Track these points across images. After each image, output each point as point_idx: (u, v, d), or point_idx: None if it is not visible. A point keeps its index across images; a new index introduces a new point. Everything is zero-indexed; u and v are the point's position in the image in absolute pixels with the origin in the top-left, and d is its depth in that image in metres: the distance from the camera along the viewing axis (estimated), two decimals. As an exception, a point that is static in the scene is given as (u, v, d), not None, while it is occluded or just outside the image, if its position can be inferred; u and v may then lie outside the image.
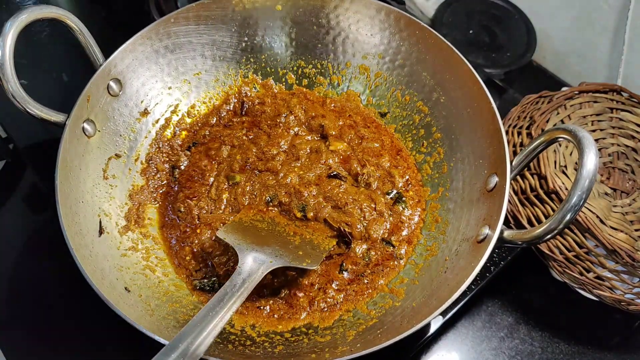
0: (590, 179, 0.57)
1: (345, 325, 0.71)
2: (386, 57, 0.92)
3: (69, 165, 0.73)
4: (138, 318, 0.61)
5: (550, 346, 0.81)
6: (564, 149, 0.84)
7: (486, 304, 0.85)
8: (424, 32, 0.87)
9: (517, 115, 0.90)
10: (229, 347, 0.66)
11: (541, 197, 0.80)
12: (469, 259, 0.68)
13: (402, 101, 0.92)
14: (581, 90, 0.91)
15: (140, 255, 0.77)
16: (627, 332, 0.84)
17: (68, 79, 1.06)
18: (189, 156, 0.89)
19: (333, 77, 0.96)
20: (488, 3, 1.18)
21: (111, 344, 0.77)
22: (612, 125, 0.90)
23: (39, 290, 0.82)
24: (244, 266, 0.67)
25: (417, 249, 0.80)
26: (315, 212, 0.81)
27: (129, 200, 0.82)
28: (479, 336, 0.82)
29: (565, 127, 0.62)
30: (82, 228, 0.71)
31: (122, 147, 0.84)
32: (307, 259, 0.71)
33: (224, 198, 0.83)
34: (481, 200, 0.74)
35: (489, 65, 1.09)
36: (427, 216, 0.84)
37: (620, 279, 0.76)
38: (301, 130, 0.91)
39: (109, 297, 0.62)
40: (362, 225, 0.80)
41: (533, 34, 1.14)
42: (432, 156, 0.87)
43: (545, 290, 0.86)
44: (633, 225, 0.79)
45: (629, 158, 0.88)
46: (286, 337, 0.71)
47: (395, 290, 0.75)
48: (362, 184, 0.85)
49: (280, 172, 0.85)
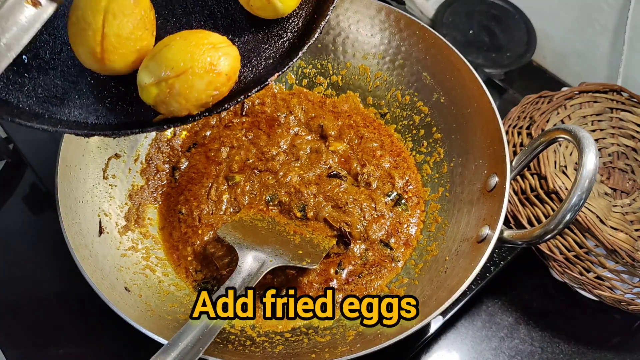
0: (590, 179, 0.57)
1: (345, 325, 0.71)
2: (386, 57, 0.92)
3: (69, 165, 0.73)
4: (138, 318, 0.62)
5: (550, 346, 0.81)
6: (564, 149, 0.84)
7: (486, 304, 0.85)
8: (424, 32, 0.87)
9: (517, 115, 0.90)
10: (228, 347, 0.66)
11: (541, 197, 0.80)
12: (469, 259, 0.68)
13: (402, 101, 0.92)
14: (581, 90, 0.91)
15: (140, 255, 0.77)
16: (627, 332, 0.84)
17: (68, 79, 1.06)
18: (189, 157, 0.89)
19: (333, 77, 0.96)
20: (488, 3, 1.18)
21: (111, 344, 0.77)
22: (612, 125, 0.90)
23: (38, 290, 0.82)
24: (243, 265, 0.67)
25: (417, 249, 0.81)
26: (316, 211, 0.81)
27: (128, 200, 0.82)
28: (479, 336, 0.82)
29: (565, 127, 0.62)
30: (82, 228, 0.71)
31: (122, 147, 0.84)
32: (306, 258, 0.71)
33: (225, 199, 0.83)
34: (481, 200, 0.74)
35: (489, 65, 1.09)
36: (427, 217, 0.84)
37: (620, 279, 0.76)
38: (301, 131, 0.91)
39: (109, 297, 0.62)
40: (362, 225, 0.80)
41: (533, 34, 1.14)
42: (432, 156, 0.87)
43: (545, 290, 0.86)
44: (633, 225, 0.79)
45: (629, 158, 0.88)
46: (286, 337, 0.71)
47: (395, 291, 0.75)
48: (362, 183, 0.85)
49: (280, 171, 0.85)
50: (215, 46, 0.50)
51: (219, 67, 0.49)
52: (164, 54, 0.49)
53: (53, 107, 0.53)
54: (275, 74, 0.53)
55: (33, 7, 0.44)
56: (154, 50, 0.51)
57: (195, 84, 0.49)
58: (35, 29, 0.45)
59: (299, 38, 0.56)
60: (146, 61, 0.51)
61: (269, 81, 0.52)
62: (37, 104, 0.52)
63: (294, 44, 0.56)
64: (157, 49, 0.51)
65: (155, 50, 0.51)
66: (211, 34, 0.52)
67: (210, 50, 0.49)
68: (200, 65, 0.49)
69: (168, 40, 0.51)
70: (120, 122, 0.53)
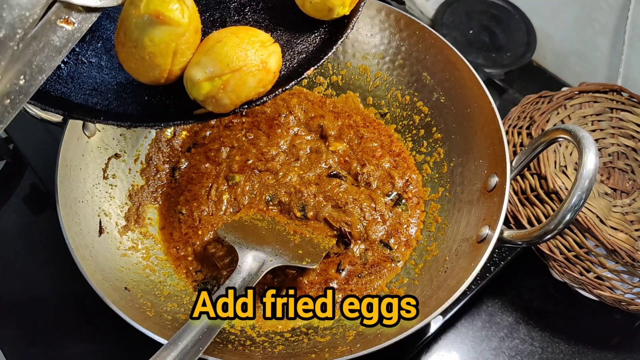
0: (590, 179, 0.57)
1: (345, 325, 0.71)
2: (386, 57, 0.92)
3: (69, 165, 0.73)
4: (138, 318, 0.61)
5: (550, 346, 0.81)
6: (564, 149, 0.84)
7: (486, 304, 0.85)
8: (424, 32, 0.87)
9: (517, 115, 0.90)
10: (228, 347, 0.66)
11: (541, 197, 0.80)
12: (469, 259, 0.68)
13: (402, 101, 0.92)
14: (581, 90, 0.91)
15: (140, 255, 0.77)
16: (627, 332, 0.84)
17: (68, 79, 1.06)
18: (189, 157, 0.89)
19: (333, 77, 0.96)
20: (488, 3, 1.18)
21: (111, 344, 0.77)
22: (612, 125, 0.90)
23: (38, 290, 0.82)
24: (243, 265, 0.67)
25: (417, 249, 0.81)
26: (315, 211, 0.81)
27: (129, 200, 0.82)
28: (479, 336, 0.82)
29: (565, 127, 0.62)
30: (82, 228, 0.71)
31: (122, 147, 0.84)
32: (306, 257, 0.71)
33: (225, 199, 0.83)
34: (481, 200, 0.74)
35: (489, 65, 1.09)
36: (427, 217, 0.84)
37: (620, 279, 0.76)
38: (301, 131, 0.91)
39: (109, 297, 0.62)
40: (362, 225, 0.80)
41: (533, 34, 1.14)
42: (432, 156, 0.87)
43: (545, 290, 0.86)
44: (633, 225, 0.79)
45: (629, 158, 0.88)
46: (286, 337, 0.71)
47: (395, 291, 0.75)
48: (362, 183, 0.85)
49: (280, 172, 0.85)
50: (264, 44, 0.50)
51: (268, 64, 0.50)
52: (217, 50, 0.49)
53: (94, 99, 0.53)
54: (311, 68, 0.54)
55: (66, 25, 0.42)
56: (205, 45, 0.50)
57: (248, 81, 0.49)
58: (67, 49, 0.43)
59: (330, 33, 0.57)
60: (198, 57, 0.50)
61: (305, 75, 0.53)
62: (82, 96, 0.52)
63: (325, 40, 0.57)
64: (208, 45, 0.50)
65: (207, 46, 0.50)
66: (258, 31, 0.52)
67: (261, 49, 0.50)
68: (254, 63, 0.49)
69: (219, 36, 0.50)
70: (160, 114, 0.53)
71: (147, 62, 0.48)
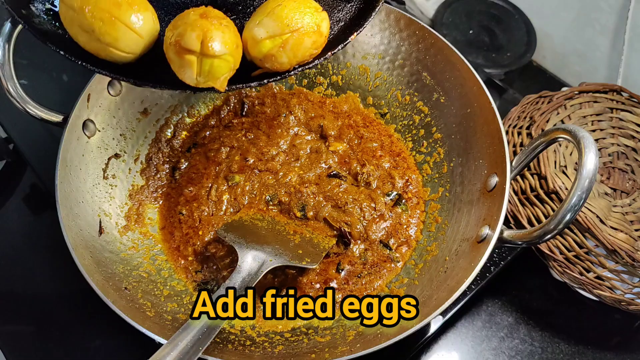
0: (590, 179, 0.57)
1: (345, 325, 0.71)
2: (386, 57, 0.92)
3: (69, 165, 0.73)
4: (138, 318, 0.61)
5: (550, 346, 0.81)
6: (564, 149, 0.84)
7: (486, 304, 0.85)
8: (424, 32, 0.87)
9: (517, 115, 0.90)
10: (228, 347, 0.66)
11: (541, 197, 0.80)
12: (469, 259, 0.68)
13: (402, 101, 0.92)
14: (581, 90, 0.91)
15: (141, 255, 0.77)
16: (627, 332, 0.84)
17: (68, 79, 1.06)
18: (189, 157, 0.89)
19: (333, 77, 0.96)
20: (488, 3, 1.18)
21: (111, 343, 0.77)
22: (612, 125, 0.90)
23: (38, 290, 0.82)
24: (243, 265, 0.67)
25: (417, 249, 0.81)
26: (315, 211, 0.81)
27: (129, 200, 0.82)
28: (479, 336, 0.82)
29: (565, 127, 0.62)
30: (82, 228, 0.71)
31: (122, 147, 0.84)
32: (306, 257, 0.71)
33: (225, 199, 0.83)
34: (481, 200, 0.74)
35: (489, 65, 1.09)
36: (427, 217, 0.84)
37: (620, 279, 0.76)
38: (301, 131, 0.91)
39: (109, 297, 0.62)
40: (362, 225, 0.80)
41: (533, 34, 1.14)
42: (432, 156, 0.87)
43: (545, 290, 0.86)
44: (633, 225, 0.79)
45: (629, 158, 0.88)
46: (286, 337, 0.71)
47: (394, 291, 0.75)
48: (362, 183, 0.85)
49: (280, 171, 0.85)
50: (317, 10, 0.57)
51: (321, 28, 0.56)
52: (278, 12, 0.55)
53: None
54: (354, 33, 0.60)
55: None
56: (265, 8, 0.56)
57: (304, 42, 0.55)
58: None
59: (365, 2, 0.64)
60: (259, 17, 0.55)
61: (350, 39, 0.60)
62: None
63: (361, 9, 0.64)
64: (269, 7, 0.55)
65: (267, 8, 0.55)
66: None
67: (315, 13, 0.56)
68: (310, 25, 0.55)
69: (279, 0, 0.56)
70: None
71: (184, 69, 0.53)
